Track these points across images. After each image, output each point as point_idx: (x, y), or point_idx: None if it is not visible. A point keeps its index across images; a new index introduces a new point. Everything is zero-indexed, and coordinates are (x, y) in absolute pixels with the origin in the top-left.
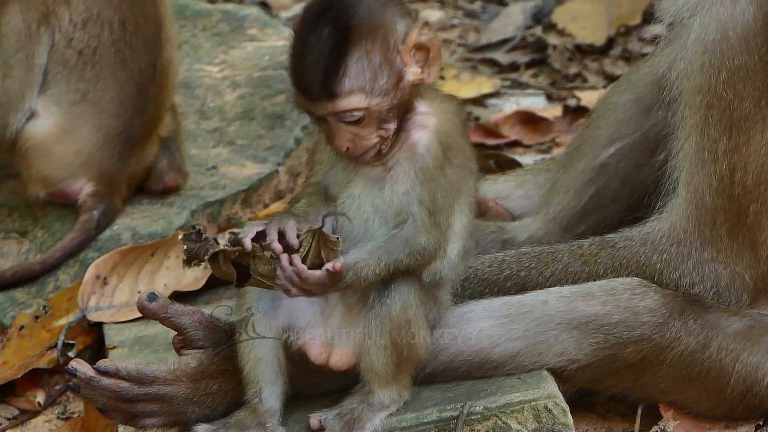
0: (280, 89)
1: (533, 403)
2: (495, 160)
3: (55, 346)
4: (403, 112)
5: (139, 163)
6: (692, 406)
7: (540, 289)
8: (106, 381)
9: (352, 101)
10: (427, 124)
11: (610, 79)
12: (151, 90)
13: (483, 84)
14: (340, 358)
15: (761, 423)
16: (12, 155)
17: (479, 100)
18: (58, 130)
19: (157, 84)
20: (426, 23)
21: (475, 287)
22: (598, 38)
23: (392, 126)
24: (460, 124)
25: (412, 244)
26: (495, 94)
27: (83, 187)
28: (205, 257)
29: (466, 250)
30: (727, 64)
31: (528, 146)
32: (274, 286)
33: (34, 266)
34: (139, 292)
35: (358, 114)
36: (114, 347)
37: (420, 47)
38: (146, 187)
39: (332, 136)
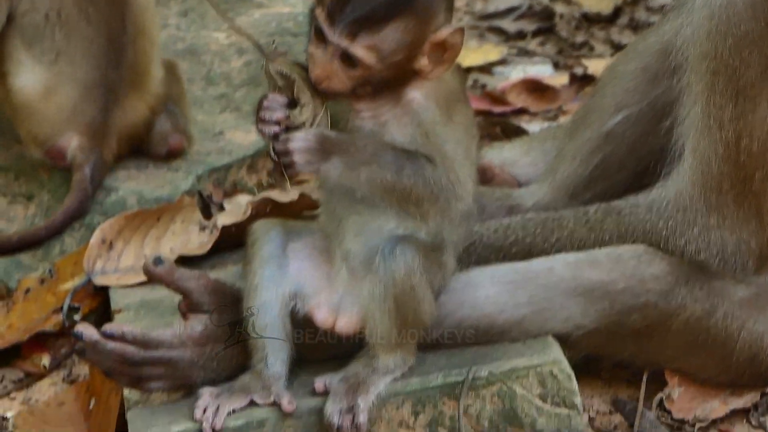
0: None
1: (538, 368)
2: (501, 127)
3: (61, 309)
4: (392, 85)
5: (125, 117)
6: (698, 373)
7: (545, 255)
8: (111, 345)
9: (363, 55)
10: (423, 84)
11: (617, 47)
12: (124, 39)
13: (489, 52)
14: (346, 324)
15: (767, 390)
16: (9, 112)
17: (486, 68)
18: (40, 88)
19: (129, 34)
20: (461, 29)
21: (480, 253)
22: (605, 7)
23: (370, 90)
24: (459, 88)
25: (418, 165)
26: (501, 62)
27: (70, 142)
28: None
29: (468, 212)
30: (733, 30)
31: (534, 114)
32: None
33: (40, 231)
34: (144, 256)
35: (355, 66)
36: (119, 311)
37: (442, 45)
38: (150, 151)
39: (317, 62)
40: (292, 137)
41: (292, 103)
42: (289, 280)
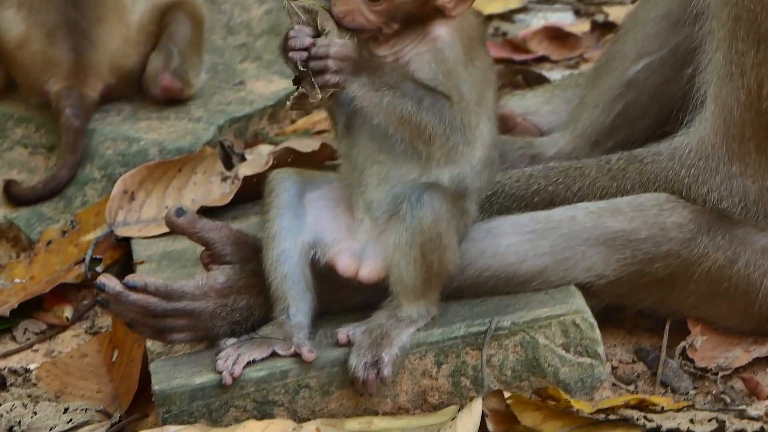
0: None
1: (561, 318)
2: (523, 75)
3: (83, 261)
4: (416, 21)
5: (99, 53)
6: (720, 322)
7: (568, 204)
8: (134, 296)
9: None
10: (448, 23)
11: None
12: None
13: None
14: (369, 271)
15: None
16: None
17: (507, 16)
18: (13, 38)
19: None
20: None
21: (502, 202)
22: None
23: (396, 27)
24: (481, 33)
25: (436, 100)
26: (523, 10)
27: (52, 87)
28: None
29: (489, 158)
30: None
31: (556, 62)
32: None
33: (61, 173)
34: (166, 207)
35: None
36: (142, 262)
37: None
38: (147, 92)
39: None
40: (333, 42)
41: (317, 34)
42: (308, 229)
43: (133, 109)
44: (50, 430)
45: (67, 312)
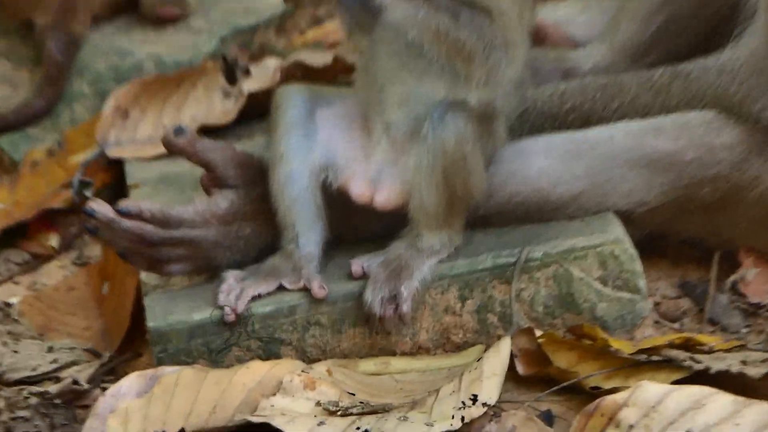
0: None
1: (598, 248)
2: None
3: (71, 184)
4: None
5: None
6: None
7: (605, 123)
8: (127, 223)
9: None
10: None
11: None
12: None
13: None
14: (386, 197)
15: None
16: None
17: None
18: None
19: None
20: None
21: (534, 121)
22: None
23: None
24: None
25: (474, 15)
26: None
27: (35, 18)
28: None
29: (520, 80)
30: None
31: None
32: None
33: (37, 102)
34: (164, 126)
35: None
36: (136, 186)
37: None
38: (143, 16)
39: None
40: None
41: None
42: (318, 149)
43: (128, 20)
44: (33, 370)
45: (53, 240)
